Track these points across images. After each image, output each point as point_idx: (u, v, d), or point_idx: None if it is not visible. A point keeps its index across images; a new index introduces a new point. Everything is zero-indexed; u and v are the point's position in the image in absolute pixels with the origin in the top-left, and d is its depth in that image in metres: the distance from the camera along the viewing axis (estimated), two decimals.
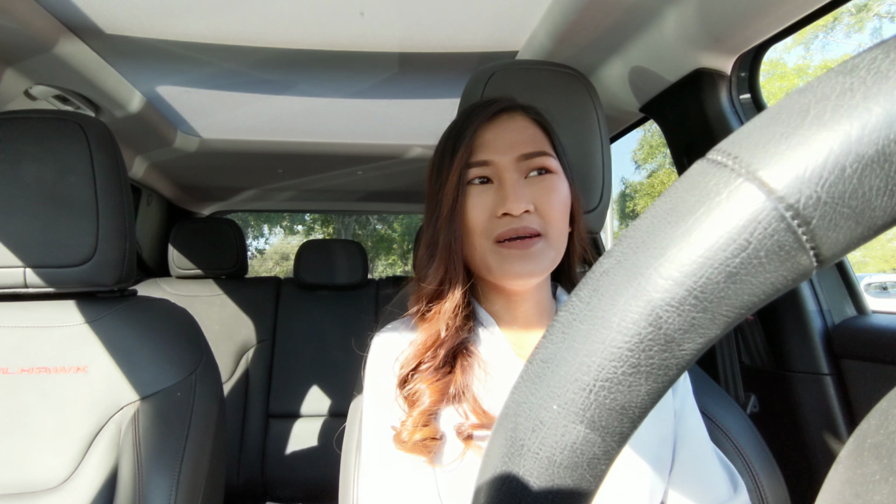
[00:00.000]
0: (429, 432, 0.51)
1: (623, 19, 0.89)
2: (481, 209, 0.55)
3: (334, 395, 1.84)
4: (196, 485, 0.76)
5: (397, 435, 0.53)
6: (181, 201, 2.31)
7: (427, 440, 0.51)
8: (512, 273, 0.54)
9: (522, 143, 0.57)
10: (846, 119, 0.16)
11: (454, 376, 0.54)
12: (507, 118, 0.59)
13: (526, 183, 0.56)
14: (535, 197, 0.55)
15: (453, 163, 0.56)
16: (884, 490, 0.19)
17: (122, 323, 0.82)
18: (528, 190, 0.55)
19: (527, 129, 0.58)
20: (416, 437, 0.51)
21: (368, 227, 16.44)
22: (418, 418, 0.52)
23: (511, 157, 0.56)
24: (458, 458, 0.52)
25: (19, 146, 0.78)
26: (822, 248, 0.16)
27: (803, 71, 11.47)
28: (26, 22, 0.89)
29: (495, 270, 0.55)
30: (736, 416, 0.71)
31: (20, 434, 0.74)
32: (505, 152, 0.56)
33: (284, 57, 1.11)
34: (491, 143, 0.57)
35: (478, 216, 0.55)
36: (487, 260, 0.56)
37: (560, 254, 0.58)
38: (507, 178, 0.55)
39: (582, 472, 0.19)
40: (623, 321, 0.18)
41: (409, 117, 1.50)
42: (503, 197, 0.54)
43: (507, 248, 0.54)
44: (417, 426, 0.52)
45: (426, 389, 0.53)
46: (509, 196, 0.54)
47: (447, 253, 0.56)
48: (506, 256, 0.54)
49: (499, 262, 0.55)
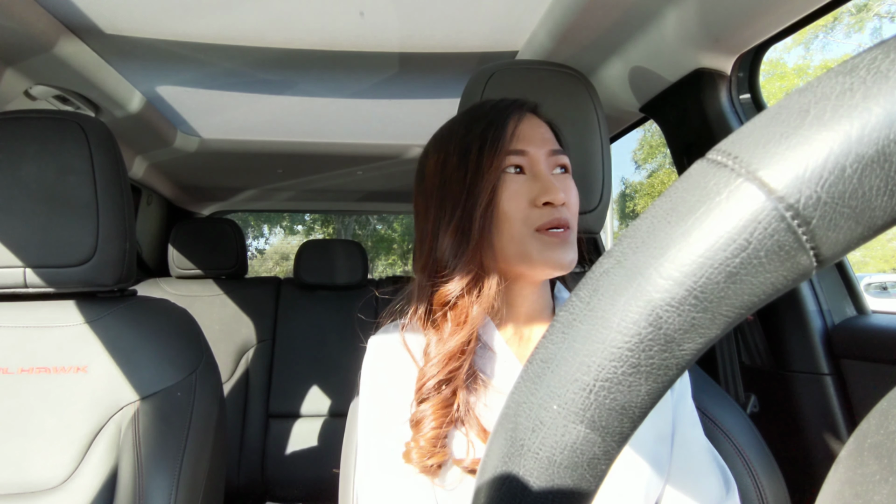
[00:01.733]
0: (440, 458, 0.51)
1: (623, 19, 0.89)
2: (519, 198, 0.56)
3: (334, 395, 1.84)
4: (196, 485, 0.76)
5: (407, 453, 0.52)
6: (181, 201, 2.31)
7: (435, 465, 0.51)
8: (554, 260, 0.55)
9: (550, 140, 0.59)
10: (846, 119, 0.16)
11: (457, 398, 0.53)
12: (532, 115, 0.60)
13: (555, 177, 0.57)
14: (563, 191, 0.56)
15: (489, 151, 0.56)
16: (884, 490, 0.19)
17: (123, 323, 0.82)
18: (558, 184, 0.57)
19: (548, 128, 0.60)
20: (428, 462, 0.50)
21: (368, 227, 16.44)
22: (430, 443, 0.51)
23: (544, 150, 0.57)
24: (458, 481, 0.52)
25: (19, 146, 0.78)
26: (822, 248, 0.16)
27: (803, 71, 11.47)
28: (26, 22, 0.89)
29: (535, 258, 0.55)
30: (736, 416, 0.71)
31: (20, 434, 0.74)
32: (539, 145, 0.57)
33: (284, 57, 1.11)
34: (526, 134, 0.58)
35: (516, 205, 0.55)
36: (527, 248, 0.55)
37: None
38: (542, 170, 0.56)
39: (582, 472, 0.19)
40: (623, 321, 0.18)
41: (409, 117, 1.50)
42: (544, 187, 0.55)
43: (550, 236, 0.55)
44: (430, 452, 0.50)
45: (430, 414, 0.52)
46: (551, 187, 0.55)
47: (483, 241, 0.55)
48: (548, 244, 0.55)
49: (539, 251, 0.55)
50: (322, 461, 1.78)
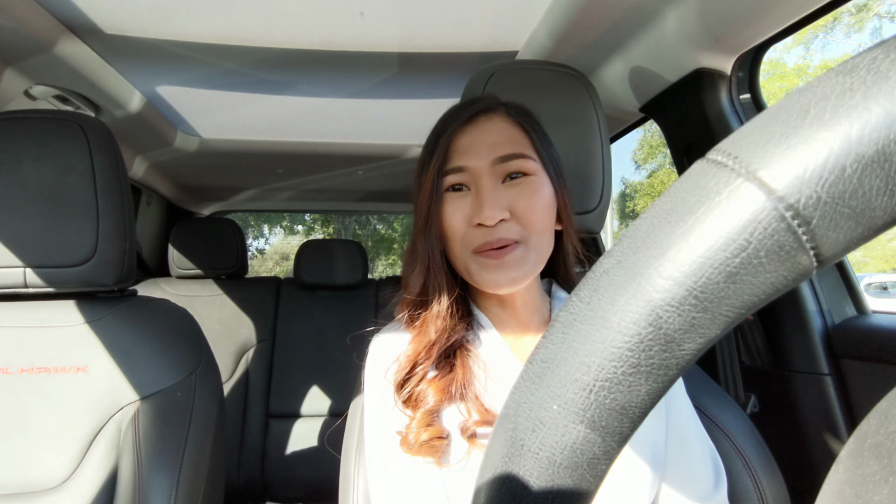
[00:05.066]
0: (434, 432, 0.51)
1: (623, 19, 0.89)
2: (459, 216, 0.55)
3: (334, 395, 1.84)
4: (196, 485, 0.76)
5: (404, 439, 0.52)
6: (181, 201, 2.31)
7: (433, 440, 0.51)
8: (490, 281, 0.54)
9: (499, 145, 0.55)
10: (846, 119, 0.16)
11: (455, 374, 0.54)
12: (484, 120, 0.57)
13: (503, 188, 0.55)
14: (513, 201, 0.54)
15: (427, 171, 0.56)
16: (884, 490, 0.19)
17: (122, 323, 0.82)
18: (507, 194, 0.54)
19: (505, 130, 0.57)
20: (422, 437, 0.51)
21: (368, 227, 16.44)
22: (423, 419, 0.52)
23: (487, 160, 0.54)
24: (463, 458, 0.52)
25: (19, 146, 0.78)
26: (823, 248, 0.16)
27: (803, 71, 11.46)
28: (26, 22, 0.89)
29: (475, 279, 0.55)
30: (736, 416, 0.71)
31: (20, 434, 0.74)
32: (482, 156, 0.55)
33: (284, 57, 1.11)
34: (466, 147, 0.55)
35: (455, 224, 0.55)
36: (468, 268, 0.55)
37: (543, 256, 0.57)
38: (482, 185, 0.54)
39: (582, 472, 0.19)
40: (623, 321, 0.18)
41: (409, 117, 1.50)
42: (479, 205, 0.53)
43: (485, 257, 0.54)
44: (423, 427, 0.51)
45: (429, 389, 0.53)
46: (484, 205, 0.53)
47: (426, 261, 0.56)
48: (483, 265, 0.54)
49: (477, 271, 0.55)
50: (322, 461, 1.78)
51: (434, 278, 0.56)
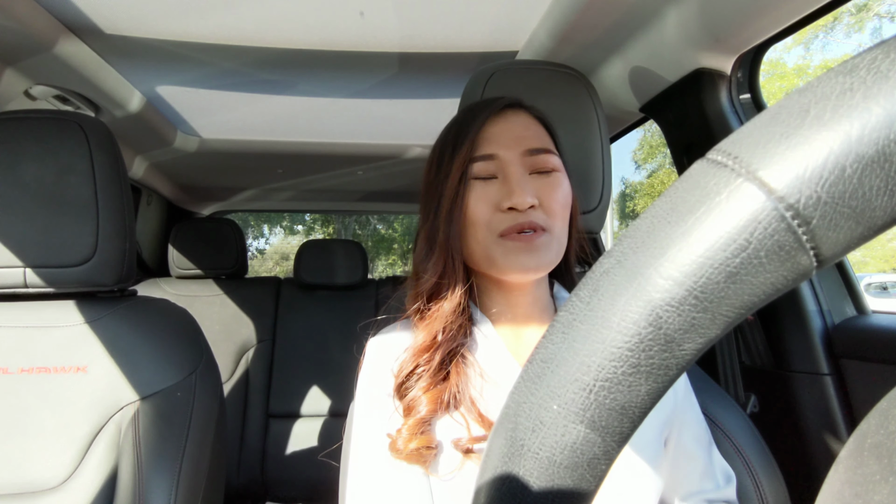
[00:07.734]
0: (424, 441, 0.51)
1: (623, 19, 0.89)
2: (485, 203, 0.55)
3: (334, 395, 1.84)
4: (196, 485, 0.76)
5: (392, 443, 0.52)
6: (181, 201, 2.31)
7: (422, 449, 0.51)
8: (517, 266, 0.54)
9: (528, 139, 0.57)
10: (846, 119, 0.16)
11: (449, 383, 0.54)
12: (511, 114, 0.59)
13: (530, 179, 0.56)
14: (539, 192, 0.55)
15: (455, 157, 0.56)
16: (884, 490, 0.19)
17: (122, 323, 0.82)
18: (533, 185, 0.55)
19: (531, 126, 0.59)
20: (411, 445, 0.50)
21: (368, 227, 16.45)
22: (413, 427, 0.51)
23: (517, 151, 0.56)
24: (456, 469, 0.52)
25: (19, 146, 0.78)
26: (823, 248, 0.16)
27: (803, 71, 11.47)
28: (26, 22, 0.89)
29: (499, 263, 0.55)
30: (736, 416, 0.71)
31: (20, 434, 0.74)
32: (511, 147, 0.56)
33: (284, 57, 1.11)
34: (497, 136, 0.57)
35: (481, 210, 0.55)
36: (491, 253, 0.55)
37: (563, 250, 0.58)
38: (512, 173, 0.55)
39: (582, 472, 0.19)
40: (623, 321, 0.18)
41: (409, 117, 1.50)
42: (509, 191, 0.54)
43: (513, 240, 0.54)
44: (413, 435, 0.51)
45: (422, 397, 0.53)
46: (515, 190, 0.53)
47: (447, 247, 0.56)
48: (510, 249, 0.54)
49: (503, 255, 0.54)
50: (322, 461, 1.77)
51: (452, 263, 0.56)
